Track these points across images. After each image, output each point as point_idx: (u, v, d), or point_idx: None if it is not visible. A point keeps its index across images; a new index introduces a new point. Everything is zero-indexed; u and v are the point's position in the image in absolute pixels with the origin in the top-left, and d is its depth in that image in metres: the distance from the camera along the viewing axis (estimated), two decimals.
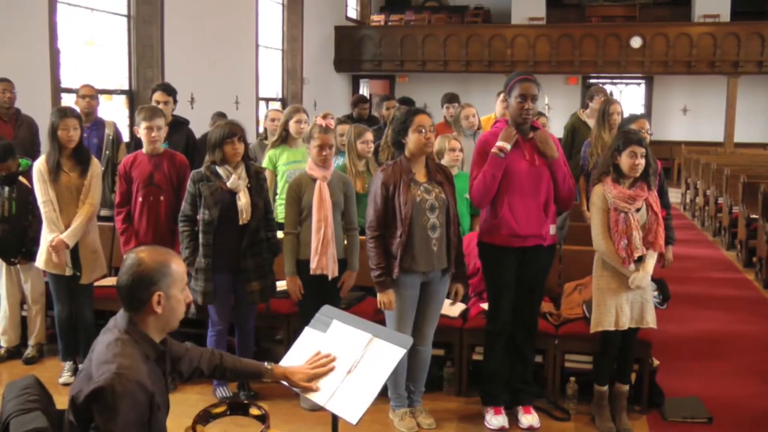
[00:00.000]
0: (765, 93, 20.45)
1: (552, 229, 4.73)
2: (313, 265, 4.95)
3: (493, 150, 4.53)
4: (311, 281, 5.00)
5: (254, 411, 3.11)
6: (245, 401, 3.01)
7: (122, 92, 11.86)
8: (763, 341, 6.73)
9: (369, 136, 6.01)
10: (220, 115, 9.27)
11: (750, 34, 18.46)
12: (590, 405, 4.95)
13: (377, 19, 21.73)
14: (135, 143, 6.39)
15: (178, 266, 2.69)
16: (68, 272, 5.47)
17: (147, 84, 11.56)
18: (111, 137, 6.97)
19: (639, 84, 22.20)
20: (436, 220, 4.53)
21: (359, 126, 6.18)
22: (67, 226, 5.38)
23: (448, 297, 4.86)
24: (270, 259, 5.13)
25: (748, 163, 13.53)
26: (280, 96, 17.36)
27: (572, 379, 5.08)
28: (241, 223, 4.91)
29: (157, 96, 6.69)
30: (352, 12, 21.76)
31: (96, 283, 5.73)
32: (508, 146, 4.51)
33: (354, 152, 5.95)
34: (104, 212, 6.36)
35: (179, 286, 2.69)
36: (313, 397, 3.04)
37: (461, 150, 5.91)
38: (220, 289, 4.97)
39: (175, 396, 4.96)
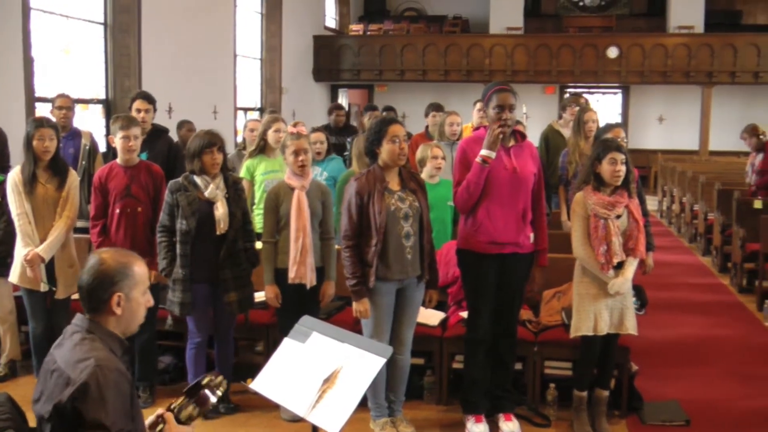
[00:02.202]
0: (738, 102, 20.67)
1: (531, 237, 4.74)
2: (291, 274, 4.94)
3: (477, 159, 4.54)
4: (290, 290, 4.99)
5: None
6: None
7: (99, 101, 11.76)
8: (740, 345, 6.80)
9: None
10: (187, 123, 9.26)
11: (723, 46, 18.68)
12: (570, 411, 4.96)
13: (356, 28, 21.72)
14: (112, 153, 6.33)
15: (140, 269, 2.70)
16: (43, 288, 5.40)
17: (124, 93, 11.48)
18: (87, 147, 6.89)
19: (616, 93, 22.35)
20: (410, 228, 4.55)
21: None
22: (42, 240, 5.33)
23: (423, 304, 4.87)
24: (248, 270, 5.10)
25: (723, 170, 13.66)
26: (258, 105, 17.32)
27: (552, 385, 5.10)
28: (218, 233, 4.88)
29: (138, 104, 6.62)
30: (331, 21, 21.76)
31: (74, 297, 5.64)
32: (492, 155, 4.52)
33: (363, 160, 5.94)
34: (80, 224, 6.25)
35: (140, 289, 2.70)
36: (293, 407, 3.03)
37: (443, 158, 5.92)
38: (198, 300, 4.93)
39: (154, 410, 4.95)
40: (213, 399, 2.78)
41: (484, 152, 4.53)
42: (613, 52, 19.10)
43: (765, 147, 9.06)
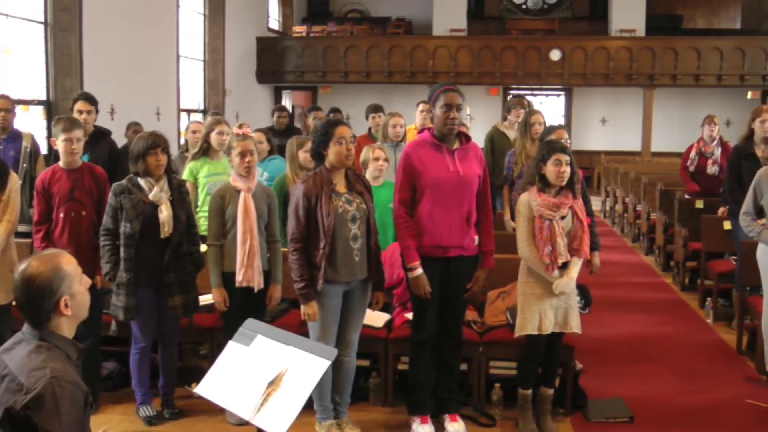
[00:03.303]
0: (679, 104, 21.11)
1: (476, 240, 4.76)
2: (239, 277, 4.90)
3: (410, 272, 4.64)
4: (236, 294, 4.94)
5: None
6: None
7: (39, 103, 11.53)
8: (683, 342, 6.93)
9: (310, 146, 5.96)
10: (134, 125, 9.13)
11: (664, 49, 19.08)
12: (515, 410, 5.00)
13: (299, 30, 21.66)
14: (54, 156, 6.20)
15: (68, 263, 2.65)
16: None
17: (65, 94, 11.27)
18: (29, 150, 6.72)
19: (559, 95, 22.65)
20: (358, 230, 4.54)
21: (300, 137, 6.15)
22: None
23: (369, 306, 4.87)
24: (193, 273, 5.04)
25: (665, 171, 13.90)
26: (202, 107, 17.15)
27: (497, 385, 5.13)
28: (162, 236, 4.82)
29: (79, 105, 6.48)
30: (274, 23, 21.66)
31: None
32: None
33: (296, 163, 5.91)
34: (22, 228, 6.09)
35: (78, 281, 2.66)
36: (238, 411, 3.00)
37: (386, 159, 5.91)
38: (142, 305, 4.86)
39: (97, 417, 4.87)
40: None
41: (411, 273, 4.62)
42: (555, 55, 19.35)
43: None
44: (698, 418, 5.22)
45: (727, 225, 7.25)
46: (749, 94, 19.70)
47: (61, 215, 5.16)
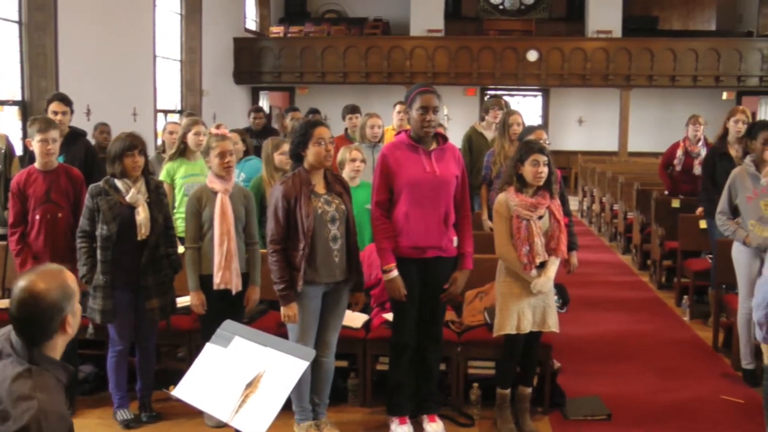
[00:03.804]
0: (656, 105, 21.29)
1: (454, 241, 4.77)
2: (216, 280, 4.87)
3: (384, 275, 4.64)
4: (214, 296, 4.92)
5: None
6: None
7: (14, 103, 11.43)
8: (659, 340, 6.98)
9: (287, 147, 5.93)
10: (101, 125, 9.07)
11: (640, 50, 19.23)
12: (494, 409, 5.01)
13: (276, 30, 21.61)
14: (29, 157, 6.14)
15: (72, 279, 2.57)
16: None
17: (40, 95, 11.19)
18: (3, 151, 6.65)
19: (536, 96, 22.76)
20: (337, 231, 4.53)
21: (277, 138, 6.13)
22: None
23: (348, 307, 4.86)
24: (171, 276, 5.01)
25: (641, 171, 14.00)
26: (178, 108, 17.07)
27: (475, 385, 5.14)
28: (140, 238, 4.78)
29: (54, 106, 6.42)
30: (251, 23, 21.60)
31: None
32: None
33: (272, 165, 5.89)
34: None
35: (78, 297, 2.60)
36: (216, 413, 2.98)
37: (363, 160, 5.91)
38: (119, 307, 4.82)
39: (74, 421, 4.80)
40: None
41: (386, 275, 4.62)
42: (532, 56, 19.43)
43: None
44: (675, 415, 5.27)
45: (703, 224, 7.31)
46: (724, 95, 19.90)
47: (37, 217, 5.12)
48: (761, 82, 19.30)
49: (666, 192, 9.14)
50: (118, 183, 4.78)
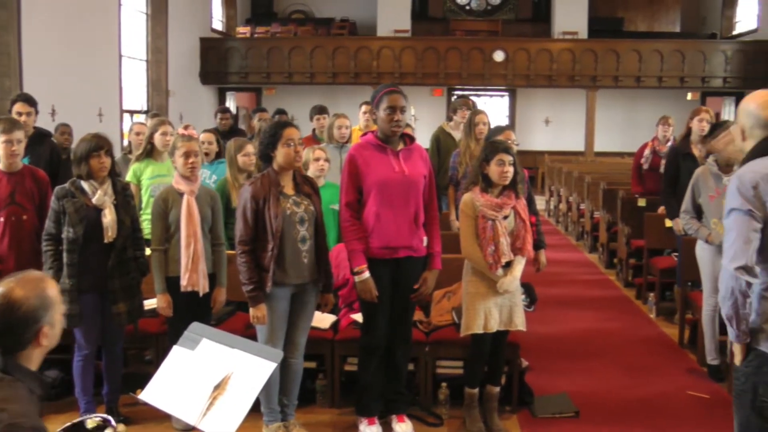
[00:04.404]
0: (621, 105, 21.51)
1: (425, 240, 4.77)
2: (183, 281, 4.84)
3: (355, 275, 4.63)
4: (181, 298, 4.88)
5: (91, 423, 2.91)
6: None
7: None
8: (626, 337, 7.06)
9: (250, 148, 5.92)
10: (62, 126, 8.98)
11: (606, 51, 19.43)
12: (462, 409, 5.03)
13: (243, 31, 21.52)
14: None
15: (53, 289, 2.50)
16: None
17: (4, 95, 11.05)
18: None
19: (503, 96, 22.88)
20: (306, 232, 4.52)
21: (239, 139, 6.10)
22: None
23: (317, 309, 4.85)
24: (138, 279, 4.96)
25: (608, 170, 14.13)
26: (145, 108, 16.94)
27: (444, 384, 5.16)
28: (106, 241, 4.72)
29: (18, 107, 6.35)
30: (218, 23, 21.49)
31: None
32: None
33: (235, 166, 5.86)
34: None
35: (60, 309, 2.52)
36: (184, 416, 2.96)
37: (327, 160, 5.90)
38: (86, 311, 4.75)
39: None
40: None
41: (358, 277, 4.62)
42: (499, 56, 19.55)
43: None
44: (642, 410, 5.32)
45: (668, 223, 7.39)
46: (689, 96, 20.16)
47: (2, 219, 5.05)
48: (725, 83, 19.60)
49: (635, 195, 9.15)
50: (85, 185, 4.72)
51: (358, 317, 5.02)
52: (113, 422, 2.83)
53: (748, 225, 2.96)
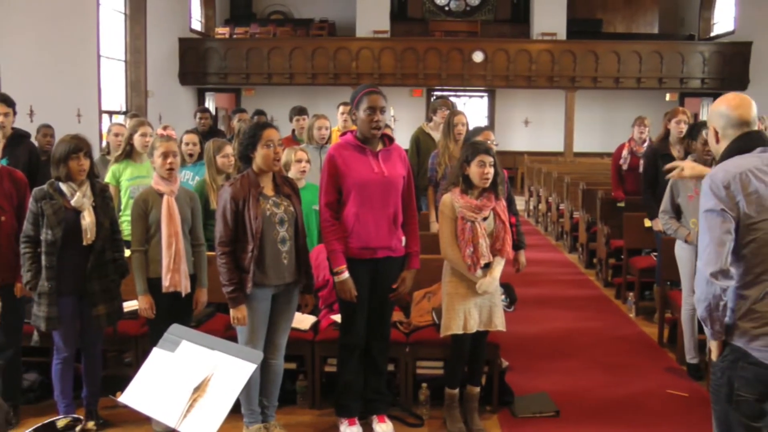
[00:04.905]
0: (600, 106, 21.63)
1: (403, 241, 4.78)
2: (165, 282, 4.81)
3: (336, 276, 4.63)
4: (162, 299, 4.86)
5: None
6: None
7: None
8: (606, 336, 7.10)
9: (228, 150, 5.90)
10: (44, 128, 8.90)
11: (585, 52, 19.55)
12: (442, 409, 5.04)
13: (222, 31, 21.45)
14: None
15: None
16: None
17: None
18: None
19: (482, 97, 22.94)
20: (286, 233, 4.51)
21: (218, 140, 6.07)
22: None
23: (298, 309, 4.85)
24: (117, 281, 4.92)
25: (587, 171, 14.20)
26: (124, 109, 16.85)
27: (424, 385, 5.16)
28: (85, 243, 4.68)
29: None
30: (197, 24, 21.41)
31: None
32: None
33: (213, 167, 5.84)
34: None
35: None
36: (163, 419, 2.95)
37: (308, 161, 5.90)
38: (65, 314, 4.70)
39: (18, 431, 4.73)
40: None
41: (337, 277, 4.63)
42: (478, 57, 19.60)
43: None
44: (621, 409, 5.36)
45: (647, 223, 7.44)
46: (667, 96, 20.32)
47: None
48: (703, 84, 19.77)
49: (614, 197, 9.15)
50: (63, 187, 4.68)
51: (338, 318, 5.02)
52: (82, 419, 2.81)
53: (721, 226, 2.98)
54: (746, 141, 3.12)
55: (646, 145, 8.57)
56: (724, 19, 21.29)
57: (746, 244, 3.01)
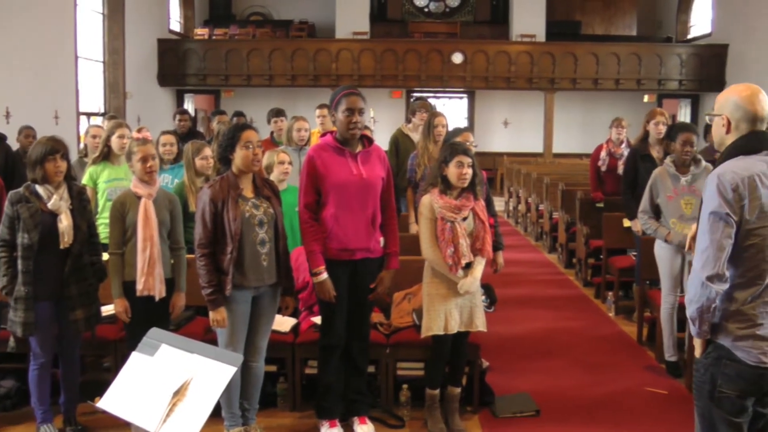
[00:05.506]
0: (579, 107, 21.73)
1: (381, 242, 4.78)
2: (139, 286, 4.77)
3: (314, 277, 4.64)
4: (139, 303, 4.82)
5: None
6: None
7: None
8: (586, 336, 7.14)
9: (207, 152, 5.87)
10: (26, 129, 8.84)
11: (564, 54, 19.63)
12: (423, 410, 5.04)
13: (201, 32, 21.34)
14: None
15: None
16: None
17: None
18: None
19: (461, 98, 22.97)
20: (265, 235, 4.50)
21: (197, 142, 6.05)
22: None
23: (278, 312, 4.83)
24: (95, 285, 4.87)
25: (566, 172, 14.26)
26: (102, 110, 16.73)
27: (405, 386, 5.16)
28: (62, 247, 4.62)
29: None
30: (176, 25, 21.29)
31: None
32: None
33: (192, 169, 5.81)
34: None
35: None
36: (143, 424, 2.93)
37: (290, 163, 5.89)
38: (42, 319, 4.64)
39: None
40: None
41: (316, 278, 4.63)
42: (457, 58, 19.63)
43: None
44: (601, 408, 5.39)
45: (626, 223, 7.48)
46: (646, 98, 20.45)
47: None
48: (680, 85, 19.91)
49: (593, 197, 9.17)
50: (40, 189, 4.63)
51: (319, 320, 5.01)
52: None
53: (723, 231, 2.96)
54: (755, 141, 3.08)
55: (623, 145, 8.62)
56: (701, 22, 21.44)
57: (744, 248, 3.00)
